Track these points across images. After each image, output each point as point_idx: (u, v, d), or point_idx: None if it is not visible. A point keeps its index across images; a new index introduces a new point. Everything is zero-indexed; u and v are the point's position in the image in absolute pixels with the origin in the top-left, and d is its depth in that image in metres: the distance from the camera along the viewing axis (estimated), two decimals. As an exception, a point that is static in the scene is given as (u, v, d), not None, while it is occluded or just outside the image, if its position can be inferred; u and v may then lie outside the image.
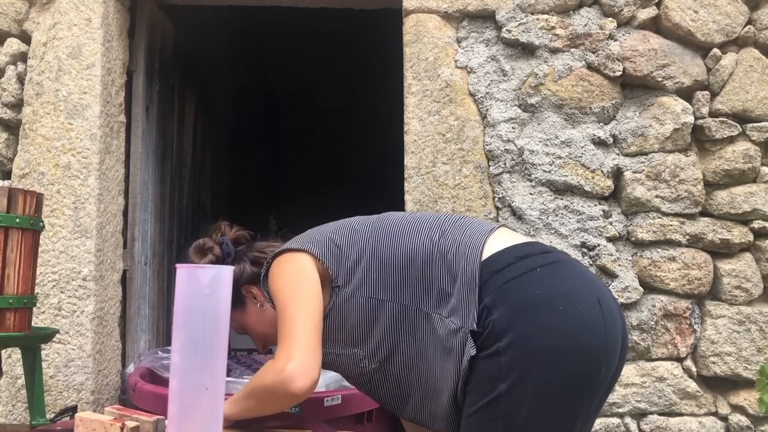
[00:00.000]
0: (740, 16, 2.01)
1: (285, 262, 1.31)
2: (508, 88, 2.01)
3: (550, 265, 1.19)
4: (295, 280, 1.27)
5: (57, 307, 2.01)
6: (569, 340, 1.11)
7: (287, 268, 1.30)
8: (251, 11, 2.87)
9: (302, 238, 1.36)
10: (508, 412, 1.11)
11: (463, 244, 1.23)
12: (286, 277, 1.28)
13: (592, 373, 1.13)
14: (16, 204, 1.41)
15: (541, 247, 1.25)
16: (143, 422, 1.07)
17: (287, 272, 1.29)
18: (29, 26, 2.18)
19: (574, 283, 1.18)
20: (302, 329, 1.21)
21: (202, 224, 3.31)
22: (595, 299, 1.16)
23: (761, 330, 1.94)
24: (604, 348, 1.14)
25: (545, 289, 1.15)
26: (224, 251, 1.54)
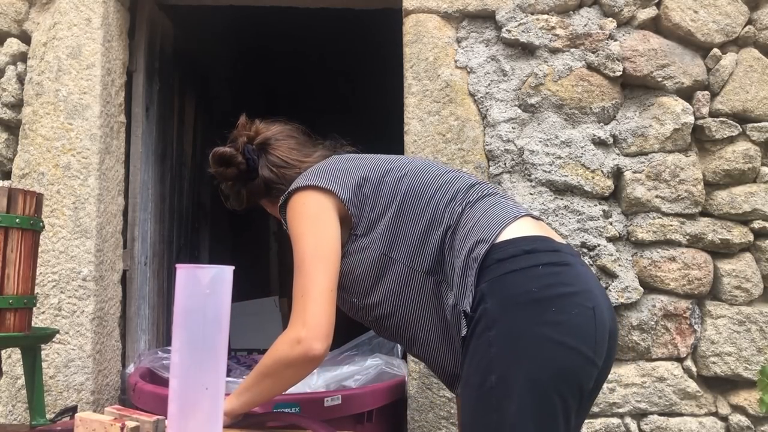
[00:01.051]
0: (740, 16, 2.01)
1: (309, 201, 1.28)
2: (508, 88, 2.01)
3: (554, 265, 1.18)
4: (316, 229, 1.25)
5: (57, 307, 2.01)
6: (557, 341, 1.11)
7: (310, 210, 1.27)
8: (251, 11, 2.87)
9: (329, 175, 1.31)
10: (500, 406, 1.11)
11: (479, 225, 1.22)
12: (307, 223, 1.26)
13: (578, 376, 1.13)
14: (16, 204, 1.41)
15: (552, 244, 1.22)
16: (143, 422, 1.07)
17: (309, 216, 1.26)
18: (29, 26, 2.18)
19: (573, 287, 1.17)
20: (317, 291, 1.20)
21: (201, 224, 3.32)
22: (590, 308, 1.15)
23: (761, 330, 1.94)
24: (592, 357, 1.14)
25: (542, 288, 1.14)
26: (249, 164, 1.45)
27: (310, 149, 1.50)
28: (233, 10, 2.80)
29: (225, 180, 1.48)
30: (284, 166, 1.44)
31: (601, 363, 1.17)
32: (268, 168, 1.44)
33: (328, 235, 1.26)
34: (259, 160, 1.45)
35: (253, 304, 3.70)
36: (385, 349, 2.20)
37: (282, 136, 1.49)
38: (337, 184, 1.30)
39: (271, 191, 1.44)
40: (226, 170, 1.45)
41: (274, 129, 1.50)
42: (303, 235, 1.25)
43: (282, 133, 1.49)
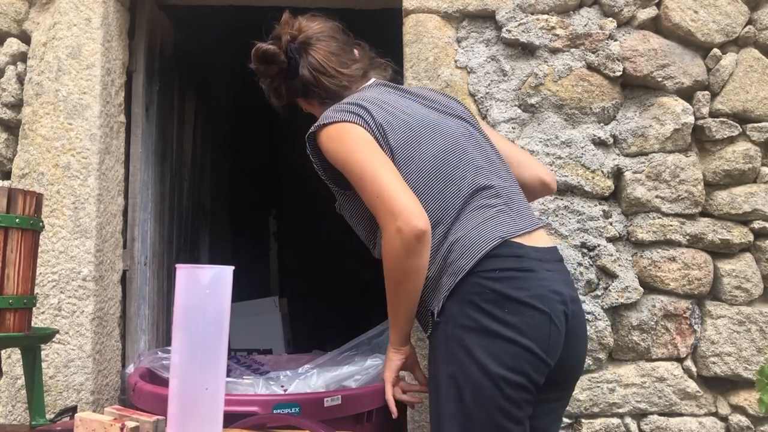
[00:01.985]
0: (740, 16, 2.01)
1: (347, 128, 1.33)
2: (508, 88, 2.01)
3: (513, 270, 1.27)
4: (364, 143, 1.31)
5: (57, 307, 2.01)
6: (507, 338, 1.22)
7: (351, 133, 1.33)
8: (251, 11, 2.86)
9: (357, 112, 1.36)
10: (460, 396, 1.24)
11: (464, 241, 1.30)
12: (352, 142, 1.31)
13: (526, 371, 1.23)
14: (16, 204, 1.41)
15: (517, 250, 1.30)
16: (143, 422, 1.07)
17: (352, 137, 1.32)
18: (29, 26, 2.18)
19: (528, 292, 1.26)
20: (389, 184, 1.25)
21: (201, 224, 3.32)
22: (545, 312, 1.25)
23: (761, 330, 1.94)
24: (542, 357, 1.24)
25: (497, 291, 1.25)
26: (291, 63, 1.49)
27: (348, 56, 1.53)
28: (233, 10, 2.80)
29: (266, 77, 1.53)
30: (323, 72, 1.48)
31: (554, 362, 1.27)
32: (308, 69, 1.48)
33: (375, 147, 1.32)
34: (300, 60, 1.48)
35: (253, 304, 3.70)
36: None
37: (323, 36, 1.51)
38: (368, 122, 1.35)
39: (309, 92, 1.50)
40: (269, 68, 1.50)
41: (315, 27, 1.52)
42: (352, 151, 1.31)
43: (323, 33, 1.52)
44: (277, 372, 2.03)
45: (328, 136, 1.34)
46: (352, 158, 1.30)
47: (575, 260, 1.95)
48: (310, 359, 2.24)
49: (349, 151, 1.31)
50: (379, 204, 1.25)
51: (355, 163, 1.29)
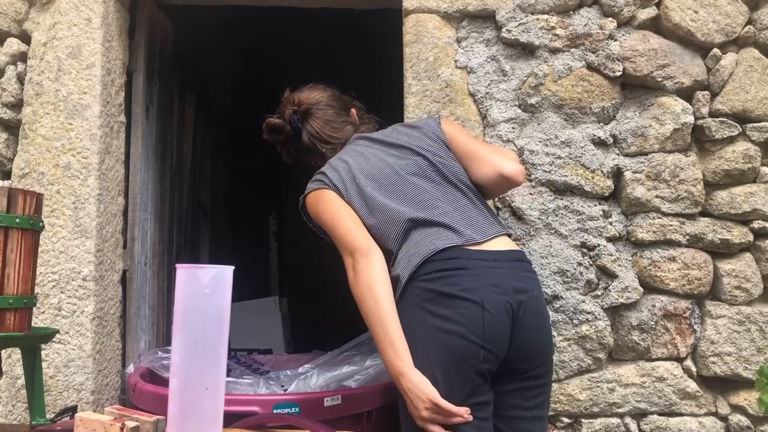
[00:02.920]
0: (740, 16, 2.01)
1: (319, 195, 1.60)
2: (508, 88, 2.01)
3: (445, 271, 1.41)
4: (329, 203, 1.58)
5: (57, 307, 2.01)
6: (444, 329, 1.35)
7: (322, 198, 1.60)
8: (251, 11, 2.87)
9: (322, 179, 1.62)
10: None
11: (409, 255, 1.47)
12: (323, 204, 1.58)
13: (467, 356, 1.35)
14: (16, 204, 1.41)
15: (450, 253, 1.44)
16: (143, 422, 1.07)
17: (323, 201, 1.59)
18: (29, 26, 2.18)
19: (460, 287, 1.39)
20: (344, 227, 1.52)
21: (201, 224, 3.32)
22: (477, 302, 1.37)
23: (761, 330, 1.94)
24: (480, 343, 1.35)
25: (431, 290, 1.39)
26: (295, 132, 1.78)
27: (342, 119, 1.79)
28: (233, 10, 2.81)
29: (277, 143, 1.83)
30: (319, 138, 1.75)
31: (502, 351, 1.38)
32: (308, 136, 1.76)
33: (339, 201, 1.58)
34: (302, 128, 1.77)
35: (253, 304, 3.70)
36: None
37: (321, 105, 1.79)
38: (337, 181, 1.60)
39: (310, 153, 1.79)
40: (278, 136, 1.80)
41: (314, 97, 1.80)
42: (323, 210, 1.58)
43: (321, 102, 1.79)
44: (277, 372, 2.03)
45: (309, 203, 1.62)
46: (323, 216, 1.57)
47: (575, 260, 1.95)
48: (310, 359, 2.25)
49: (322, 210, 1.58)
50: (341, 247, 1.51)
51: (325, 219, 1.57)
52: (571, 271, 1.94)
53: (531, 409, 1.47)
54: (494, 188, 1.66)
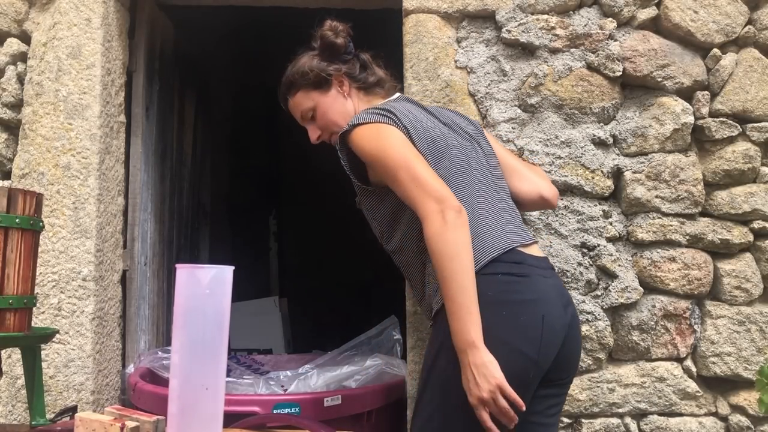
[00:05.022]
0: (740, 16, 2.01)
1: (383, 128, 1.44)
2: (508, 89, 2.01)
3: (511, 275, 1.36)
4: (399, 141, 1.41)
5: (57, 307, 2.01)
6: (502, 340, 1.28)
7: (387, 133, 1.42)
8: (251, 11, 2.87)
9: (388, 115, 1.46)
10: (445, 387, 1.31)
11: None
12: (389, 140, 1.41)
13: (516, 372, 1.28)
14: (16, 204, 1.41)
15: (516, 256, 1.40)
16: (143, 422, 1.07)
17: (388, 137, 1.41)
18: (29, 26, 2.18)
19: (525, 295, 1.35)
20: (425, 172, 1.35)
21: (201, 224, 3.32)
22: (539, 315, 1.32)
23: (761, 330, 1.94)
24: (534, 359, 1.31)
25: (497, 294, 1.32)
26: (348, 47, 1.68)
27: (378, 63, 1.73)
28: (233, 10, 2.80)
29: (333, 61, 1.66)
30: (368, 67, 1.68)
31: (548, 365, 1.34)
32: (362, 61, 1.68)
33: (408, 143, 1.42)
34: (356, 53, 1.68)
35: (253, 304, 3.70)
36: (385, 349, 2.20)
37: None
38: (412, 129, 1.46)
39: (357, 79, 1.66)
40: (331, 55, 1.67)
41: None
42: (388, 147, 1.40)
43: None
44: (277, 372, 2.03)
45: (362, 135, 1.43)
46: (388, 153, 1.38)
47: (575, 260, 1.95)
48: (310, 359, 2.25)
49: (384, 147, 1.39)
50: (418, 191, 1.33)
51: (391, 157, 1.38)
52: (571, 271, 1.94)
53: (552, 416, 1.47)
54: (527, 206, 1.68)
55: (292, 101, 1.71)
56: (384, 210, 1.53)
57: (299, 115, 1.70)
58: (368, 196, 1.55)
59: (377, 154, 1.41)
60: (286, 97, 1.73)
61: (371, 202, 1.56)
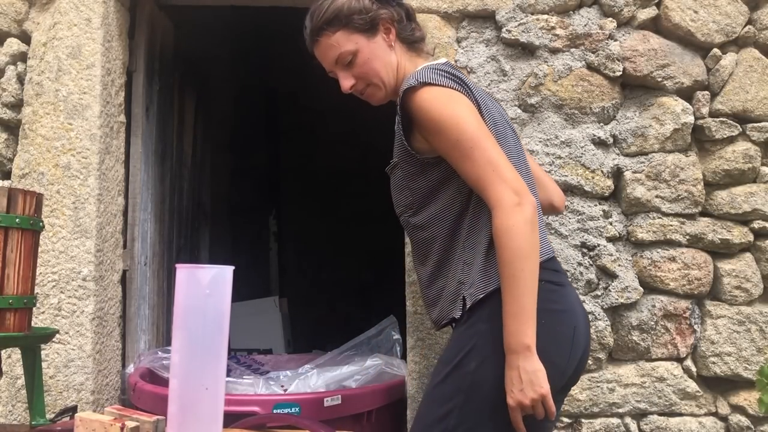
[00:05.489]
0: (740, 16, 2.01)
1: (455, 94, 1.32)
2: (508, 88, 2.01)
3: (551, 284, 1.34)
4: (471, 112, 1.31)
5: (57, 307, 2.01)
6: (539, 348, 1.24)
7: (462, 103, 1.31)
8: (251, 11, 2.87)
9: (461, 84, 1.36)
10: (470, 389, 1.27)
11: None
12: (461, 108, 1.30)
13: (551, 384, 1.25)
14: (16, 204, 1.41)
15: (555, 264, 1.41)
16: (143, 422, 1.07)
17: (460, 102, 1.31)
18: (29, 26, 2.18)
19: (562, 306, 1.34)
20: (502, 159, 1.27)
21: (201, 224, 3.32)
22: (572, 327, 1.33)
23: (761, 330, 1.94)
24: (563, 369, 1.32)
25: (539, 302, 1.26)
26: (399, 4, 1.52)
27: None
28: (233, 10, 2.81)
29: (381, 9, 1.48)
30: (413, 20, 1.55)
31: (570, 375, 1.35)
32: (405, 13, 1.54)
33: (482, 120, 1.32)
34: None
35: (253, 304, 3.70)
36: (385, 349, 2.20)
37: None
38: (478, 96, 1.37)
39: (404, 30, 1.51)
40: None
41: None
42: (462, 118, 1.28)
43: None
44: (277, 372, 2.03)
45: (432, 97, 1.30)
46: (461, 126, 1.27)
47: (575, 260, 1.95)
48: (310, 359, 2.25)
49: (458, 117, 1.28)
50: (494, 176, 1.24)
51: (465, 131, 1.27)
52: (571, 271, 1.94)
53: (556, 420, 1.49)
54: None
55: (327, 41, 1.45)
56: (424, 181, 1.40)
57: (333, 58, 1.45)
58: (411, 163, 1.41)
59: (447, 122, 1.28)
60: (319, 36, 1.45)
61: (411, 170, 1.42)
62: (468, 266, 1.35)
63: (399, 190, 1.48)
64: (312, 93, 5.26)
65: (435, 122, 1.29)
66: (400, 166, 1.45)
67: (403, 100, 1.34)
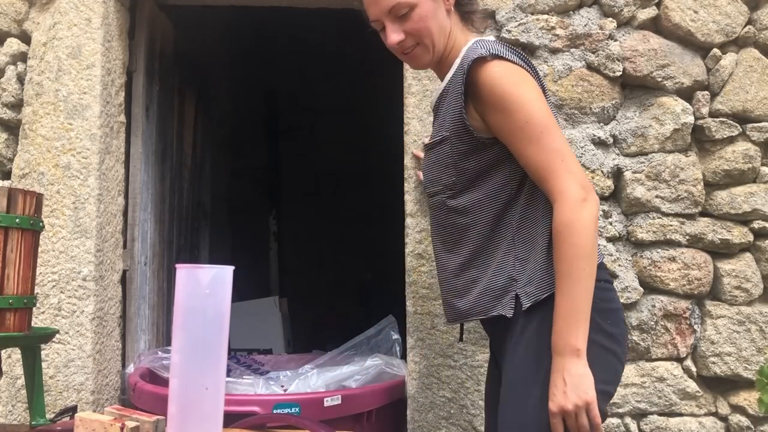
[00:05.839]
0: (740, 16, 2.01)
1: (529, 79, 1.25)
2: (508, 88, 2.01)
3: (608, 282, 1.32)
4: (544, 101, 1.24)
5: (57, 307, 2.01)
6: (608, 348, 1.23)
7: (533, 85, 1.24)
8: (251, 11, 2.87)
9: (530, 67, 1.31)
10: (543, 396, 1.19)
11: None
12: (530, 90, 1.23)
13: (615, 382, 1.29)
14: (16, 204, 1.41)
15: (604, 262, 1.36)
16: (143, 422, 1.07)
17: (530, 84, 1.24)
18: (29, 26, 2.18)
19: (618, 304, 1.33)
20: (569, 151, 1.21)
21: (201, 224, 3.32)
22: (624, 325, 1.32)
23: (761, 330, 1.94)
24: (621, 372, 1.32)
25: (602, 301, 1.23)
26: None
27: None
28: (233, 10, 2.80)
29: None
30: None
31: None
32: None
33: (547, 104, 1.25)
34: None
35: (253, 304, 3.70)
36: (384, 349, 2.20)
37: None
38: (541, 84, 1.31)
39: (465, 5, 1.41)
40: None
41: None
42: (533, 100, 1.22)
43: None
44: (277, 372, 2.03)
45: (503, 72, 1.23)
46: (531, 109, 1.20)
47: (575, 260, 1.95)
48: (310, 359, 2.25)
49: (528, 99, 1.21)
50: (562, 166, 1.18)
51: (534, 115, 1.20)
52: (571, 271, 1.94)
53: None
54: None
55: None
56: (474, 162, 1.29)
57: (388, 5, 1.32)
58: (465, 140, 1.30)
59: (517, 102, 1.20)
60: None
61: (462, 148, 1.30)
62: (522, 262, 1.27)
63: (441, 168, 1.35)
64: (312, 93, 5.28)
65: (504, 100, 1.21)
66: (450, 141, 1.32)
67: (471, 70, 1.24)
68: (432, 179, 1.38)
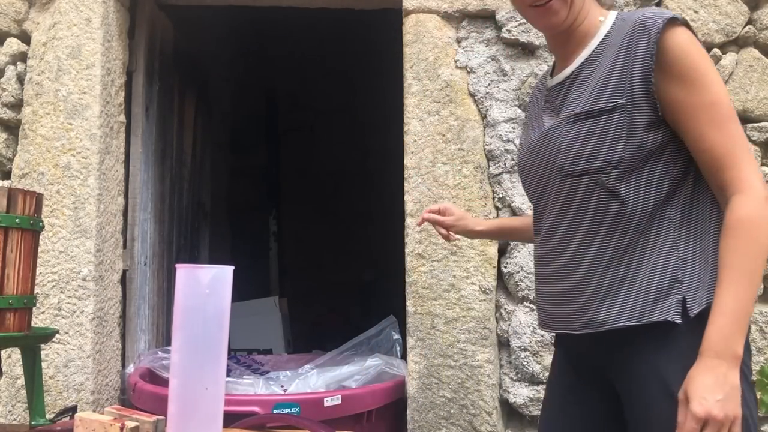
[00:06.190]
0: (740, 16, 2.01)
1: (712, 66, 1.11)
2: (508, 88, 2.01)
3: None
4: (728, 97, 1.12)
5: (57, 307, 2.01)
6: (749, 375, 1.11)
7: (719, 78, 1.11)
8: (251, 11, 2.87)
9: None
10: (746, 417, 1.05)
11: None
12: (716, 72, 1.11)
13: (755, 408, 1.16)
14: (16, 204, 1.41)
15: None
16: (143, 422, 1.07)
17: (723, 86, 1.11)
18: (29, 26, 2.18)
19: None
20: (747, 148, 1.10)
21: (201, 224, 3.32)
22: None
23: (761, 330, 1.94)
24: None
25: None
26: None
27: None
28: (233, 11, 2.80)
29: None
30: None
31: None
32: None
33: None
34: None
35: (253, 304, 3.70)
36: (384, 349, 2.20)
37: None
38: None
39: None
40: None
41: None
42: (719, 80, 1.10)
43: None
44: (277, 372, 2.03)
45: (695, 42, 1.10)
46: (720, 88, 1.09)
47: (575, 260, 1.95)
48: (310, 359, 2.25)
49: (717, 77, 1.09)
50: (748, 158, 1.08)
51: (722, 96, 1.09)
52: (571, 271, 1.94)
53: None
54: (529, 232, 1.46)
55: None
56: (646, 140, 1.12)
57: None
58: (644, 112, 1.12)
59: (706, 78, 1.08)
60: None
61: (638, 121, 1.12)
62: (688, 263, 1.11)
63: (607, 140, 1.13)
64: (312, 93, 5.28)
65: (695, 72, 1.08)
66: (626, 110, 1.12)
67: (662, 32, 1.09)
68: (584, 154, 1.15)
